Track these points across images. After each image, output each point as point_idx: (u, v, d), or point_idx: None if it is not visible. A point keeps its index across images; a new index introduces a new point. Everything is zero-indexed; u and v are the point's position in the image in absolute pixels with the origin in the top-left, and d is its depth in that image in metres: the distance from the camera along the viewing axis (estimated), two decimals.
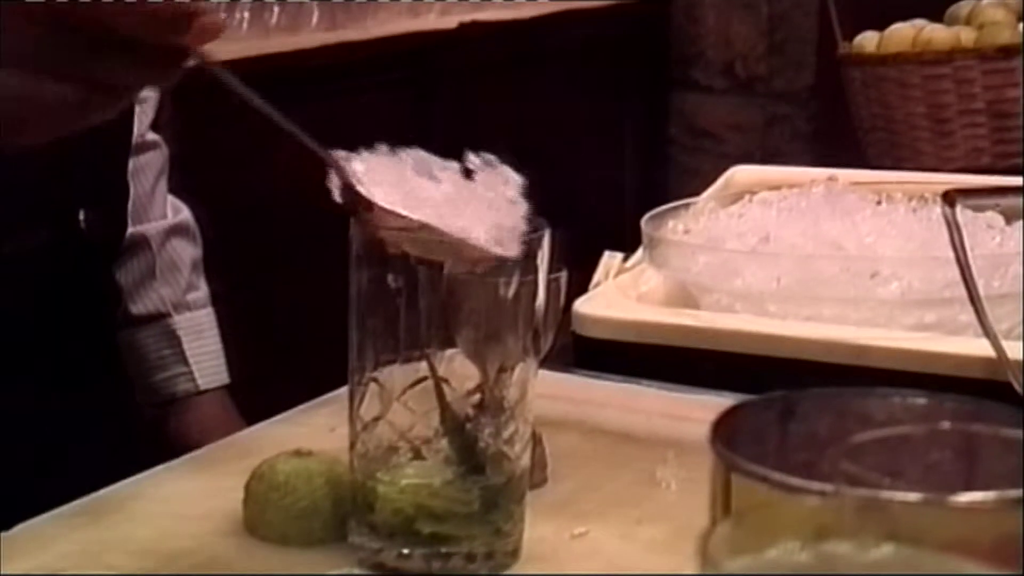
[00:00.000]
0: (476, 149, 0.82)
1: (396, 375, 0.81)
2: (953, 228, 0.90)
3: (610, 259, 1.27)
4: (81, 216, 1.14)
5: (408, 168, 0.80)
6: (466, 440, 0.80)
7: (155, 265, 1.32)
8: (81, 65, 0.76)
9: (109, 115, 0.80)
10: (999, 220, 1.19)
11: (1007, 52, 1.98)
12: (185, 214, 1.36)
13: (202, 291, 1.36)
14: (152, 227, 1.32)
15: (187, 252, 1.35)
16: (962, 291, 0.94)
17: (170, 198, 1.36)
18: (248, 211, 2.24)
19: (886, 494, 0.54)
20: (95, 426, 1.16)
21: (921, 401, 0.62)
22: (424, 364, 0.81)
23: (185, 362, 1.33)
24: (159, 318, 1.33)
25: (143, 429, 1.27)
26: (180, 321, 1.33)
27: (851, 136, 2.20)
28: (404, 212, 0.78)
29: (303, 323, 2.13)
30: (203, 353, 1.34)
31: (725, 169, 1.55)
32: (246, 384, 1.37)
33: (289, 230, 2.26)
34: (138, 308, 1.31)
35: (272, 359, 1.99)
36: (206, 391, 1.34)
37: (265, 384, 1.27)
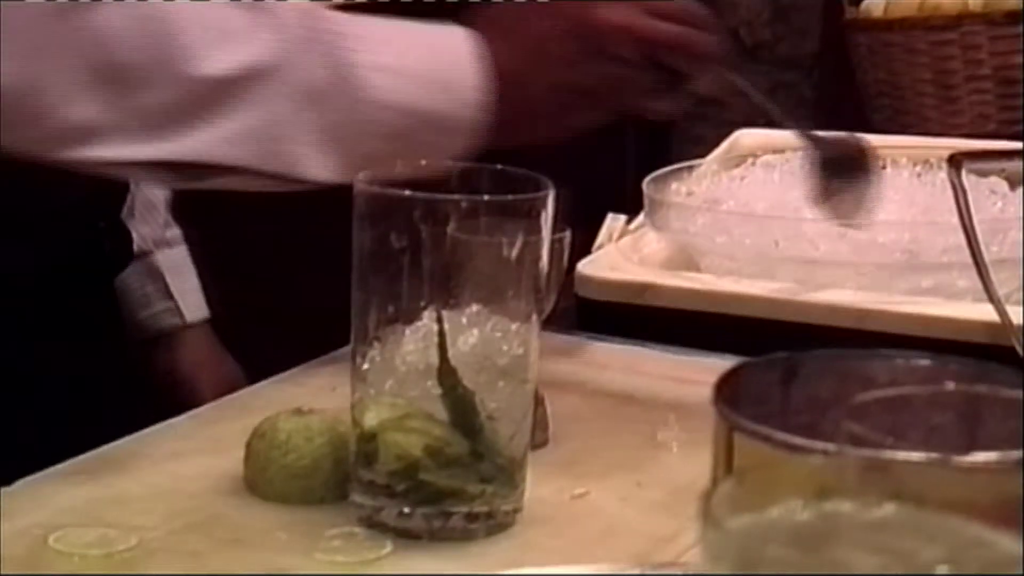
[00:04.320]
0: None
1: (398, 334, 0.81)
2: (958, 191, 0.90)
3: (613, 222, 1.26)
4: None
5: None
6: (461, 399, 0.80)
7: (133, 204, 1.33)
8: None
9: None
10: (1003, 185, 1.19)
11: (1015, 17, 1.96)
12: None
13: (176, 229, 1.38)
14: None
15: (161, 191, 1.36)
16: (961, 256, 0.93)
17: None
18: None
19: (888, 454, 0.53)
20: (99, 380, 1.17)
21: (924, 363, 0.62)
22: (425, 324, 0.81)
23: (170, 297, 1.35)
24: (141, 256, 1.34)
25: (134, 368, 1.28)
26: (161, 258, 1.35)
27: (856, 102, 2.19)
28: None
29: (304, 279, 2.12)
30: (185, 288, 1.36)
31: (728, 135, 1.54)
32: (267, 340, 1.37)
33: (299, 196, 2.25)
34: None
35: (291, 315, 1.99)
36: (192, 325, 1.35)
37: (284, 341, 1.27)
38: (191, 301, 1.36)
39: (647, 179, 1.24)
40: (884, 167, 1.28)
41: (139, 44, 0.84)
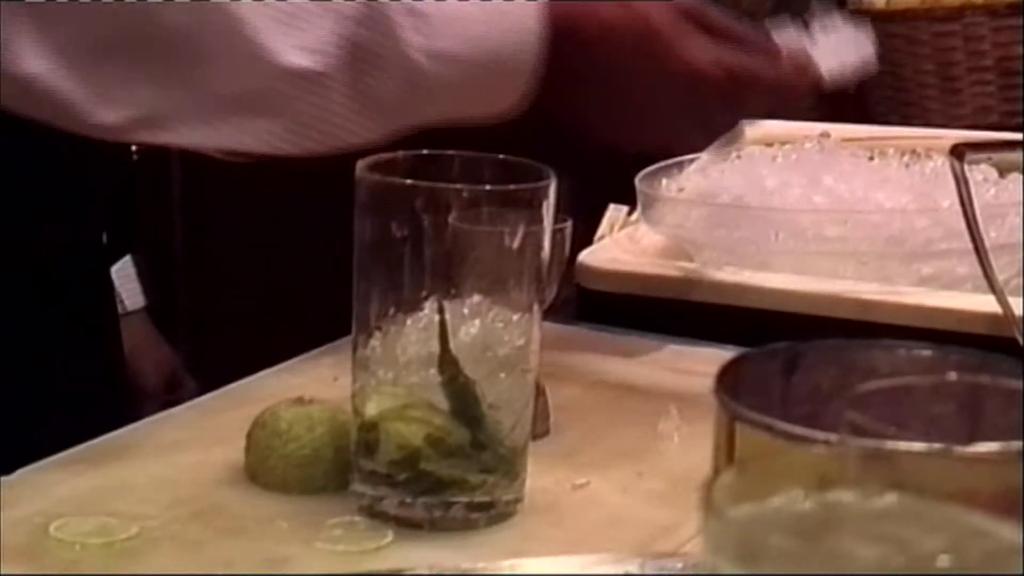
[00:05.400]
0: None
1: (399, 323, 0.81)
2: (961, 182, 0.89)
3: (615, 212, 1.26)
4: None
5: None
6: (462, 389, 0.80)
7: None
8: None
9: None
10: (992, 173, 1.19)
11: (1017, 8, 1.96)
12: None
13: None
14: None
15: None
16: (959, 244, 0.93)
17: None
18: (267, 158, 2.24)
19: (890, 444, 0.53)
20: (97, 373, 1.17)
21: (926, 353, 0.62)
22: (426, 314, 0.81)
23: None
24: None
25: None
26: None
27: (858, 94, 2.19)
28: None
29: (308, 271, 2.12)
30: (123, 276, 1.37)
31: None
32: (269, 331, 1.37)
33: (295, 178, 2.25)
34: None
35: (293, 306, 1.99)
36: (131, 312, 1.37)
37: (286, 332, 1.27)
38: (129, 288, 1.38)
39: (639, 175, 1.23)
40: (872, 158, 1.28)
41: (206, 32, 0.84)
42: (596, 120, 0.96)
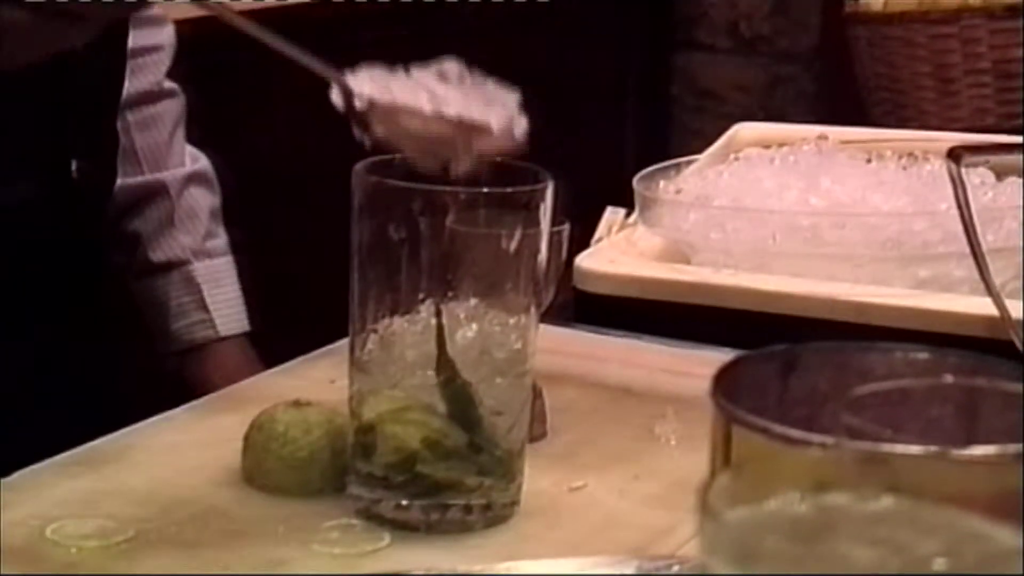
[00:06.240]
0: None
1: (396, 326, 0.81)
2: (958, 184, 0.89)
3: (612, 215, 1.26)
4: (73, 166, 1.14)
5: (410, 76, 0.82)
6: (459, 391, 0.80)
7: (174, 213, 1.32)
8: None
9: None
10: (990, 176, 1.19)
11: (1014, 11, 1.96)
12: (204, 162, 1.36)
13: (221, 239, 1.36)
14: (171, 175, 1.32)
15: (206, 200, 1.35)
16: (956, 247, 0.93)
17: (188, 147, 1.36)
18: (268, 161, 2.23)
19: (886, 447, 0.53)
20: (87, 375, 1.17)
21: (923, 356, 0.62)
22: (423, 317, 0.81)
23: (205, 309, 1.33)
24: (178, 265, 1.33)
25: (159, 378, 1.27)
26: (199, 268, 1.33)
27: (855, 96, 2.19)
28: (422, 105, 0.79)
29: (301, 273, 2.13)
30: (223, 300, 1.34)
31: (727, 130, 1.54)
32: (266, 334, 1.37)
33: (304, 181, 2.25)
34: (157, 256, 1.31)
35: (290, 308, 2.00)
36: (226, 338, 1.34)
37: (284, 334, 1.27)
38: (227, 313, 1.34)
39: (637, 177, 1.23)
40: (869, 161, 1.28)
41: None
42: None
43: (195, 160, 1.36)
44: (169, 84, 1.33)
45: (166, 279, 1.32)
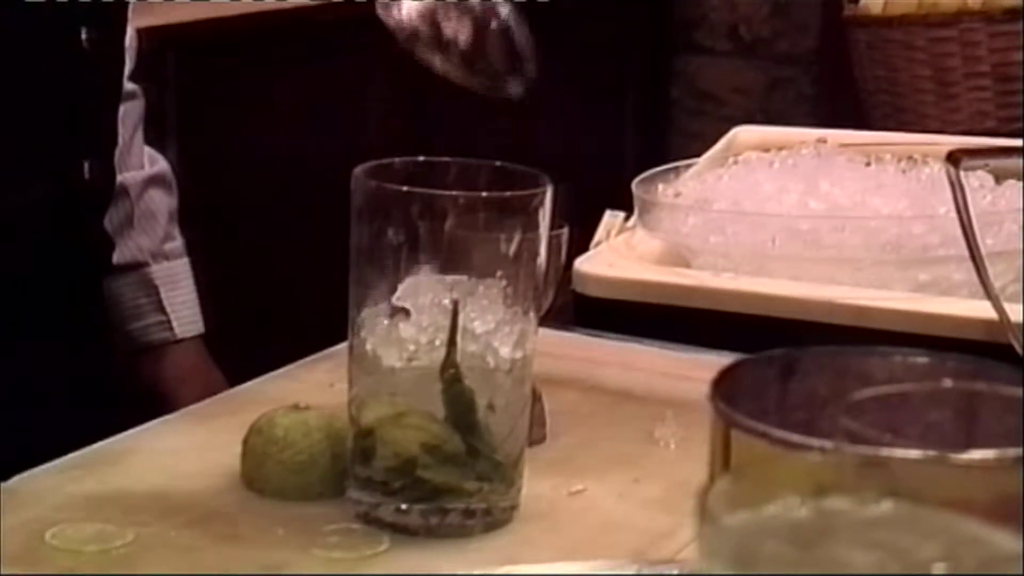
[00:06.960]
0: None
1: (396, 329, 0.81)
2: (957, 188, 0.89)
3: (611, 218, 1.26)
4: (86, 167, 1.14)
5: None
6: (460, 394, 0.80)
7: (133, 214, 1.32)
8: None
9: None
10: (989, 179, 1.19)
11: (1014, 14, 1.96)
12: (162, 164, 1.36)
13: (178, 241, 1.36)
14: (131, 176, 1.32)
15: (164, 202, 1.35)
16: (956, 250, 0.93)
17: (147, 149, 1.35)
18: (269, 165, 2.24)
19: (886, 451, 0.53)
20: (91, 378, 1.16)
21: (922, 360, 0.62)
22: (424, 317, 0.81)
23: (162, 311, 1.33)
24: (137, 267, 1.33)
25: (117, 378, 1.27)
26: (157, 270, 1.33)
27: (855, 99, 2.19)
28: None
29: (301, 277, 2.13)
30: (179, 302, 1.34)
31: (726, 131, 1.54)
32: (265, 337, 1.37)
33: (304, 185, 2.25)
34: (116, 257, 1.31)
35: (289, 311, 2.00)
36: (182, 340, 1.34)
37: (282, 337, 1.26)
38: (184, 315, 1.34)
39: (636, 180, 1.23)
40: (869, 164, 1.28)
41: None
42: None
43: (154, 162, 1.35)
44: (130, 86, 1.32)
45: (124, 280, 1.32)
